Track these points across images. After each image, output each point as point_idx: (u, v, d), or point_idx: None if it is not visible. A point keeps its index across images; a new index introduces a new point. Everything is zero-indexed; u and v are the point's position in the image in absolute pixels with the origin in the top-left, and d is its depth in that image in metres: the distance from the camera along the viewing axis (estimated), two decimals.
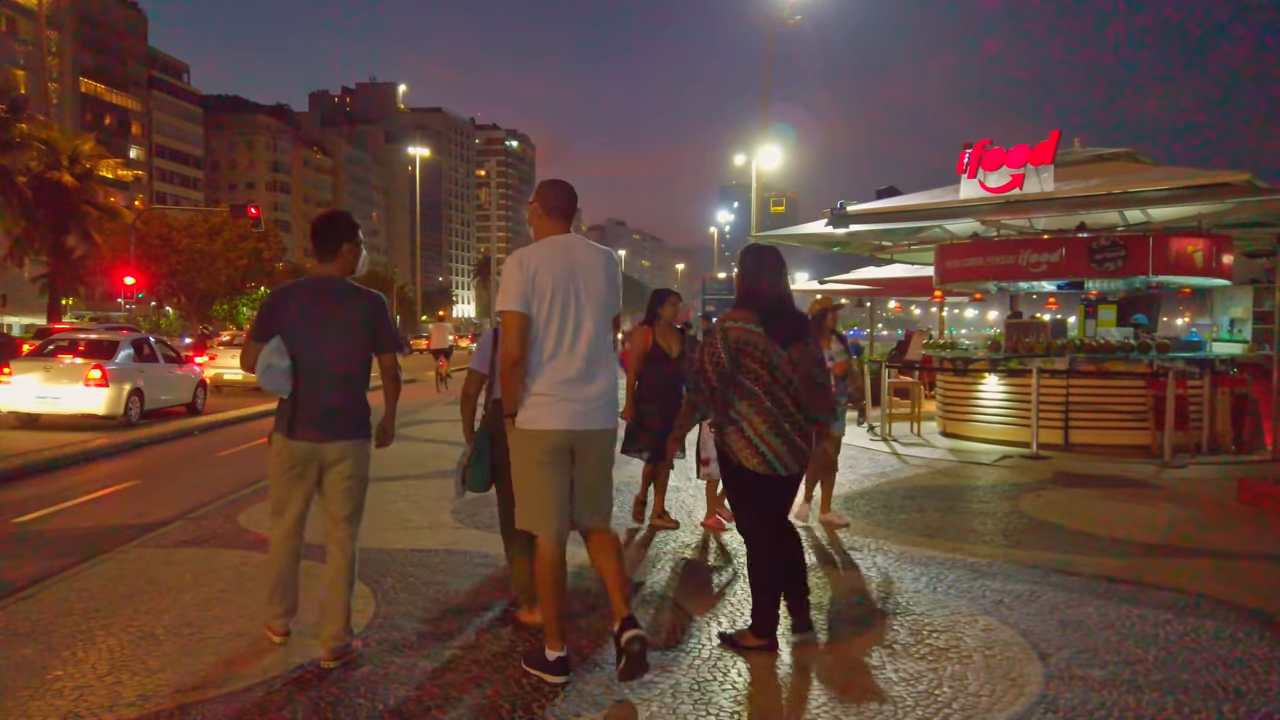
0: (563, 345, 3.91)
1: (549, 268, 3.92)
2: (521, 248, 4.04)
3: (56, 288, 41.03)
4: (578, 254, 4.02)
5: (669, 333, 7.05)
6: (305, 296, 4.27)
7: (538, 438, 3.90)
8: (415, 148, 55.92)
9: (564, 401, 3.90)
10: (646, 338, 6.94)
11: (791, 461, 4.33)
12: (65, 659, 4.23)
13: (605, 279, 4.05)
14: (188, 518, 7.37)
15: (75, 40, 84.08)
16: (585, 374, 3.94)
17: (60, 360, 14.20)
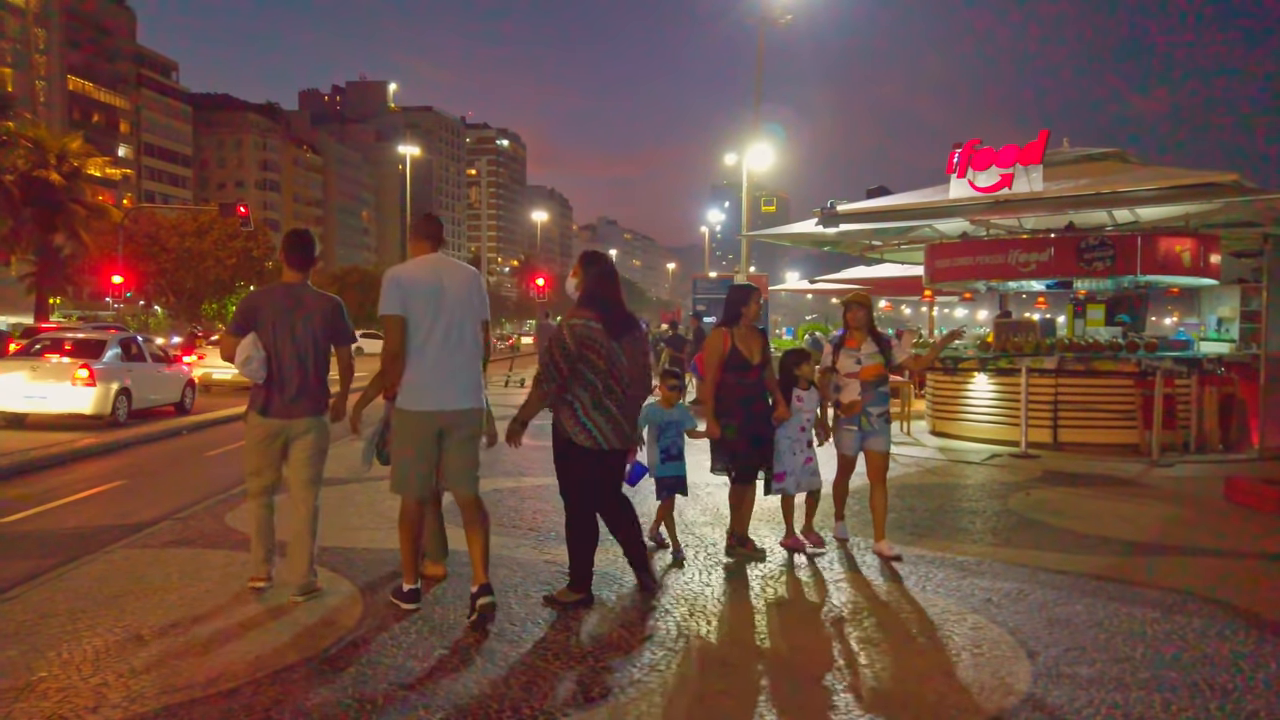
0: (431, 341, 4.76)
1: (418, 280, 4.82)
2: (396, 265, 5.05)
3: (44, 286, 40.77)
4: (443, 269, 4.92)
5: (751, 336, 6.12)
6: (277, 299, 5.17)
7: (412, 417, 4.78)
8: (406, 146, 55.71)
9: (433, 385, 4.77)
10: (724, 342, 6.03)
11: (614, 438, 5.03)
12: (50, 660, 4.20)
13: (468, 288, 4.90)
14: (175, 518, 7.34)
15: (63, 38, 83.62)
16: (451, 364, 4.80)
17: (47, 359, 14.11)
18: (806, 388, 6.31)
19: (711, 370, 6.03)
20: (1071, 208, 11.67)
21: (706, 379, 6.08)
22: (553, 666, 4.19)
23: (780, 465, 6.18)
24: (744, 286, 6.38)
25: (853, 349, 6.41)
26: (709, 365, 6.06)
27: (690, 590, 5.42)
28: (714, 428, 5.98)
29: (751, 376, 6.05)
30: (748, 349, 6.04)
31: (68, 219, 39.35)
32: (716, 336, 6.12)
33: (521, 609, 5.01)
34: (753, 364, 6.04)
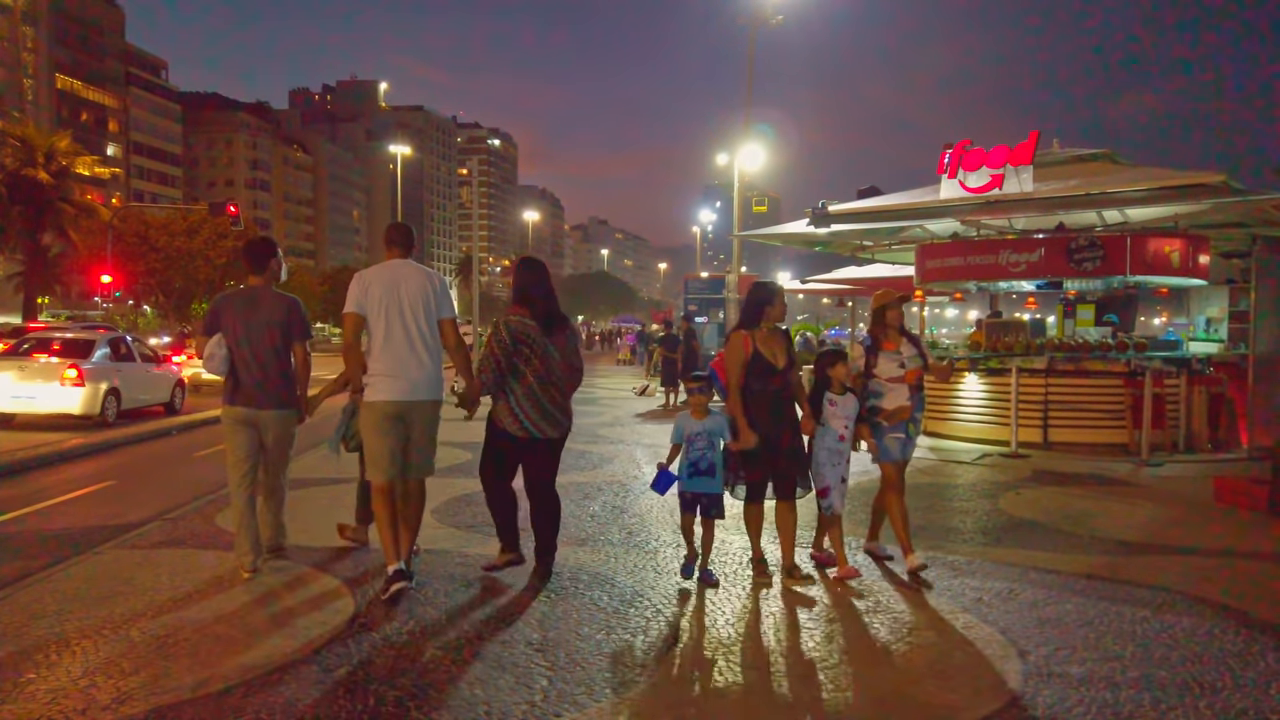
0: (392, 338, 5.23)
1: (379, 283, 5.30)
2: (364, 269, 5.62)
3: (32, 286, 40.56)
4: (402, 273, 5.35)
5: (774, 338, 5.59)
6: (238, 301, 5.75)
7: (376, 407, 5.25)
8: (397, 146, 55.51)
9: (394, 379, 5.23)
10: (745, 345, 5.52)
11: (547, 427, 5.48)
12: (39, 662, 4.18)
13: (425, 291, 5.33)
14: (164, 518, 7.31)
15: (51, 36, 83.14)
16: (409, 359, 5.26)
17: (35, 359, 14.03)
18: (843, 392, 5.73)
19: (734, 377, 5.52)
20: (1061, 208, 11.72)
21: (730, 387, 5.52)
22: (545, 667, 4.18)
23: (822, 479, 5.69)
24: (766, 284, 5.79)
25: (893, 351, 5.92)
26: (730, 372, 5.51)
27: (684, 591, 5.42)
28: (749, 436, 5.40)
29: (776, 383, 5.51)
30: (771, 352, 5.52)
31: (56, 218, 39.20)
32: (736, 340, 5.57)
33: (513, 608, 5.00)
34: (777, 369, 5.51)
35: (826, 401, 5.71)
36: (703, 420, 5.56)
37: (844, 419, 5.72)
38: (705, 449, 5.51)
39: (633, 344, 42.82)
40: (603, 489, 8.68)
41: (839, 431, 5.71)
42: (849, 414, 5.74)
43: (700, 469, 5.51)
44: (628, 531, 6.95)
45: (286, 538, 6.01)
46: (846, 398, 5.76)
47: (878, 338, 6.00)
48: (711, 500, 5.52)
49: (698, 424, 5.55)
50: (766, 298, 5.61)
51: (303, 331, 5.83)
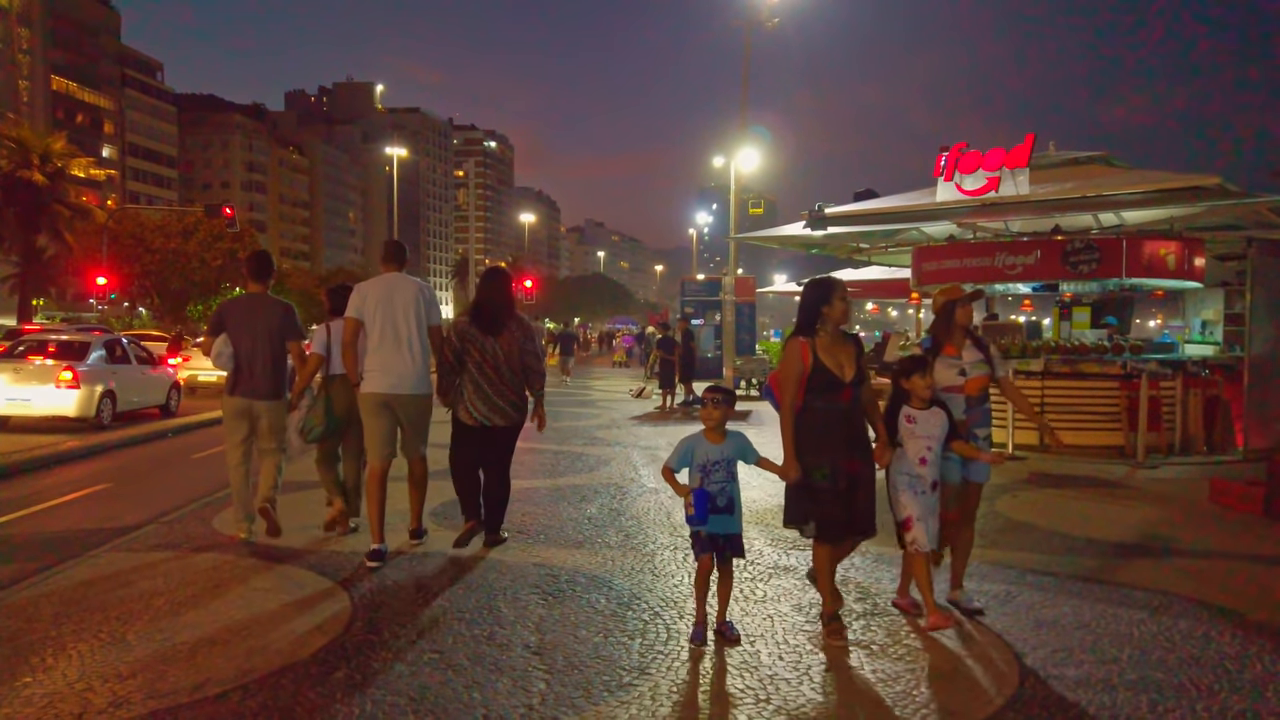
0: (384, 340, 6.04)
1: (375, 293, 6.13)
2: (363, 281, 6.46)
3: (27, 288, 40.48)
4: (395, 284, 6.19)
5: (840, 345, 4.69)
6: (242, 306, 6.57)
7: (368, 397, 6.09)
8: (393, 148, 55.54)
9: (383, 374, 6.04)
10: (803, 355, 4.62)
11: (493, 416, 6.16)
12: (35, 666, 4.17)
13: (414, 302, 6.13)
14: (161, 521, 7.29)
15: (47, 38, 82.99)
16: (397, 358, 6.04)
17: (31, 361, 13.99)
18: (924, 405, 4.86)
19: (789, 393, 4.64)
20: (1057, 211, 11.73)
21: (783, 404, 4.68)
22: (542, 670, 4.18)
23: (902, 509, 4.81)
24: (824, 280, 4.85)
25: (953, 357, 5.15)
26: (785, 386, 4.69)
27: (680, 593, 5.42)
28: (793, 467, 4.55)
29: (843, 399, 4.60)
30: (835, 362, 4.61)
31: (51, 220, 39.13)
32: (793, 350, 4.68)
33: (510, 612, 5.01)
34: (843, 382, 4.59)
35: (904, 418, 4.84)
36: (720, 444, 4.63)
37: (926, 438, 4.80)
38: (725, 481, 4.58)
39: (629, 346, 42.84)
40: (599, 491, 8.67)
41: (920, 454, 4.79)
42: (932, 432, 4.82)
43: (718, 505, 4.55)
44: (625, 534, 6.95)
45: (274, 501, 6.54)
46: (930, 413, 4.84)
47: (940, 339, 5.23)
48: (731, 541, 4.61)
49: (715, 450, 4.61)
50: (822, 296, 4.71)
51: (296, 333, 6.59)
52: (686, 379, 18.96)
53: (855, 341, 4.79)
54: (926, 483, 4.80)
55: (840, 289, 4.77)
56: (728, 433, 4.68)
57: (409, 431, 6.23)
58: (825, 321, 4.69)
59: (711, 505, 4.51)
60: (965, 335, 5.27)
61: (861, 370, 4.71)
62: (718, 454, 4.61)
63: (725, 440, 4.65)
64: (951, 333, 5.23)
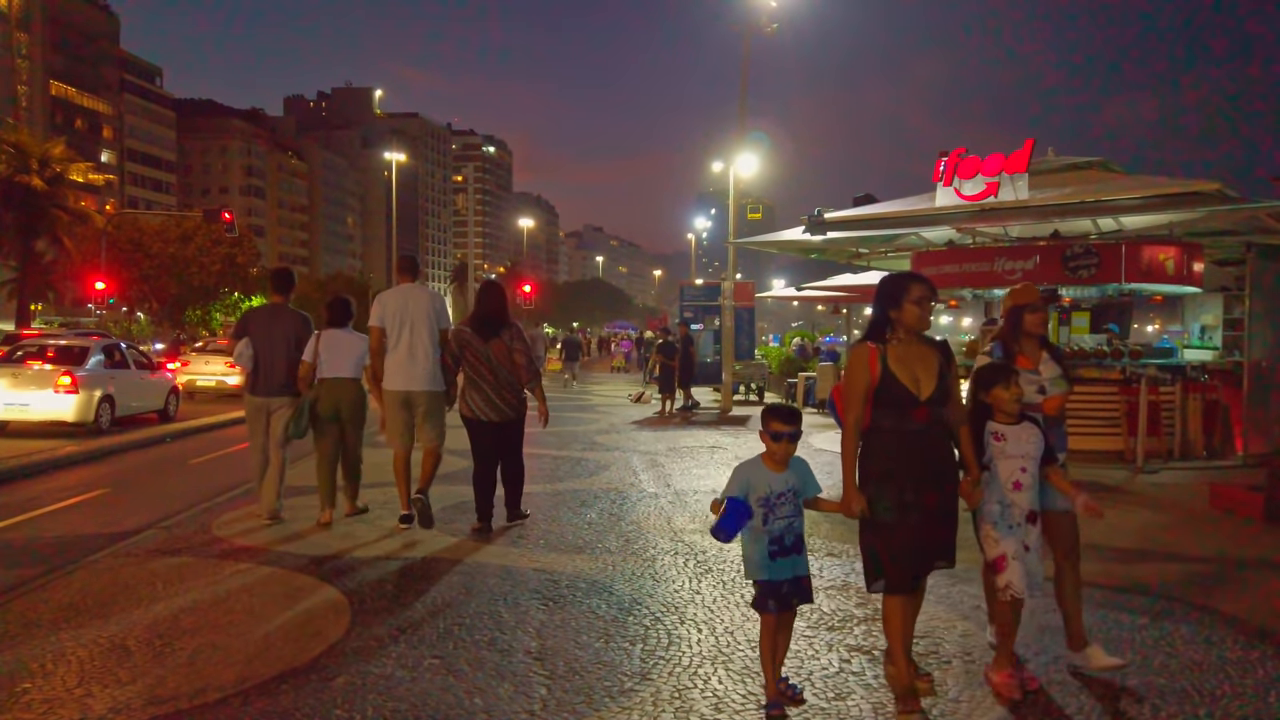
0: (401, 343, 7.02)
1: (393, 302, 7.10)
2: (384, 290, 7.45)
3: (25, 292, 40.42)
4: (410, 294, 7.16)
5: (917, 353, 3.89)
6: (263, 315, 7.47)
7: (390, 394, 7.09)
8: (391, 153, 55.56)
9: (400, 374, 7.01)
10: (870, 364, 3.85)
11: (489, 411, 7.00)
12: (34, 671, 4.15)
13: (427, 310, 7.07)
14: (159, 526, 7.27)
15: (45, 43, 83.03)
16: (411, 360, 7.01)
17: (29, 366, 13.97)
18: (1015, 421, 4.10)
19: (854, 409, 3.87)
20: (1057, 216, 11.74)
21: (846, 423, 3.92)
22: (544, 676, 4.17)
23: (994, 546, 4.02)
24: (897, 277, 4.05)
25: (1030, 370, 4.41)
26: (849, 401, 3.91)
27: (680, 598, 5.41)
28: (854, 499, 3.82)
29: (917, 418, 3.81)
30: (910, 374, 3.82)
31: (50, 225, 39.08)
32: (858, 357, 3.91)
33: (511, 617, 4.99)
34: (920, 398, 3.80)
35: (990, 436, 4.07)
36: (783, 473, 3.86)
37: (1019, 459, 4.03)
38: (793, 515, 3.86)
39: (627, 350, 42.80)
40: (599, 496, 8.66)
41: (1013, 477, 4.02)
42: (1027, 451, 4.05)
43: (786, 545, 3.83)
44: (625, 539, 6.94)
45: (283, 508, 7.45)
46: (1021, 429, 4.09)
47: (1012, 350, 4.50)
48: (800, 586, 3.89)
49: (779, 479, 3.84)
50: (898, 290, 3.92)
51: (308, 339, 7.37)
52: (686, 384, 18.97)
53: (940, 350, 3.92)
54: (1021, 512, 4.02)
55: (916, 290, 3.91)
56: (793, 459, 3.94)
57: (424, 421, 7.13)
58: (898, 324, 3.89)
59: (779, 547, 3.81)
60: (1041, 346, 4.53)
61: (946, 385, 3.86)
62: (782, 484, 3.84)
63: (790, 467, 3.90)
64: (1023, 342, 4.51)
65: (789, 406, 4.09)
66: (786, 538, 3.83)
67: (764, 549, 3.82)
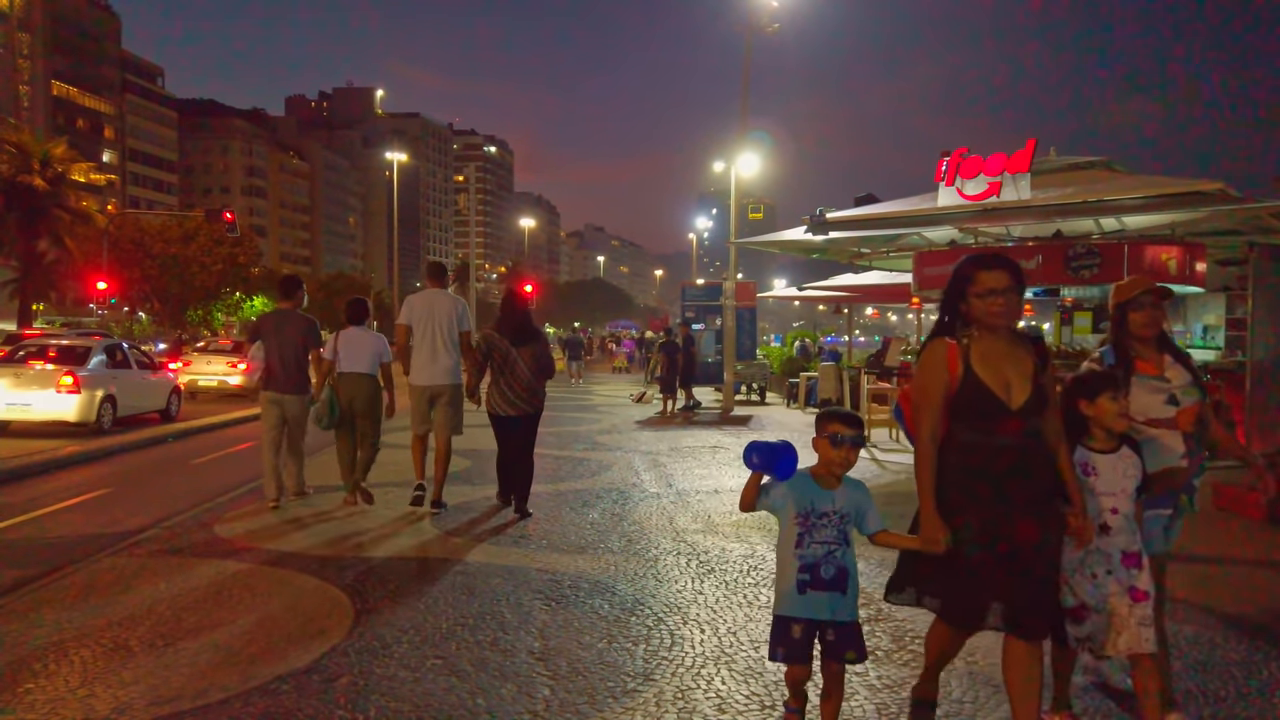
0: (425, 342, 7.76)
1: (420, 305, 7.88)
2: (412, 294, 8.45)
3: (27, 292, 40.41)
4: (436, 298, 7.91)
5: (1005, 351, 3.22)
6: (272, 319, 8.14)
7: (415, 387, 7.86)
8: (393, 153, 55.48)
9: (425, 369, 7.78)
10: (949, 363, 3.21)
11: (508, 408, 7.62)
12: (37, 671, 4.15)
13: (450, 312, 7.82)
14: (162, 526, 7.27)
15: (47, 43, 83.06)
16: (435, 358, 7.76)
17: (31, 366, 13.96)
18: (1111, 445, 3.44)
19: (928, 418, 3.24)
20: (1059, 216, 11.72)
21: (919, 435, 3.28)
22: (547, 676, 4.16)
23: (1074, 593, 3.41)
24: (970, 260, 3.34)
25: (1153, 376, 3.73)
26: (921, 407, 3.28)
27: (683, 599, 5.41)
28: (937, 529, 3.17)
29: (1005, 431, 3.15)
30: (998, 377, 3.17)
31: (51, 224, 39.06)
32: (933, 355, 3.28)
33: (514, 617, 4.99)
34: (1011, 407, 3.15)
35: (1077, 467, 3.40)
36: (834, 490, 3.27)
37: (1110, 497, 3.40)
38: (835, 544, 3.23)
39: (629, 351, 42.77)
40: (602, 496, 8.66)
41: (1102, 517, 3.39)
42: (1123, 488, 3.41)
43: (823, 577, 3.21)
44: (627, 539, 6.93)
45: (306, 486, 8.27)
46: (1119, 459, 3.43)
47: (1128, 353, 3.79)
48: (844, 634, 3.24)
49: (826, 497, 3.25)
50: (958, 280, 3.29)
51: (316, 342, 8.03)
52: (688, 384, 18.96)
53: (1035, 347, 3.26)
54: (1111, 557, 3.38)
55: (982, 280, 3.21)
56: (847, 479, 3.30)
57: (442, 410, 7.79)
58: (983, 315, 3.21)
59: (813, 576, 3.18)
60: (1159, 348, 3.79)
61: (1042, 392, 3.19)
62: (829, 503, 3.23)
63: (841, 486, 3.27)
64: (1137, 345, 3.79)
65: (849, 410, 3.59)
66: (824, 568, 3.19)
67: (792, 576, 3.21)
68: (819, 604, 3.20)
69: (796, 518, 3.25)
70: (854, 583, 3.28)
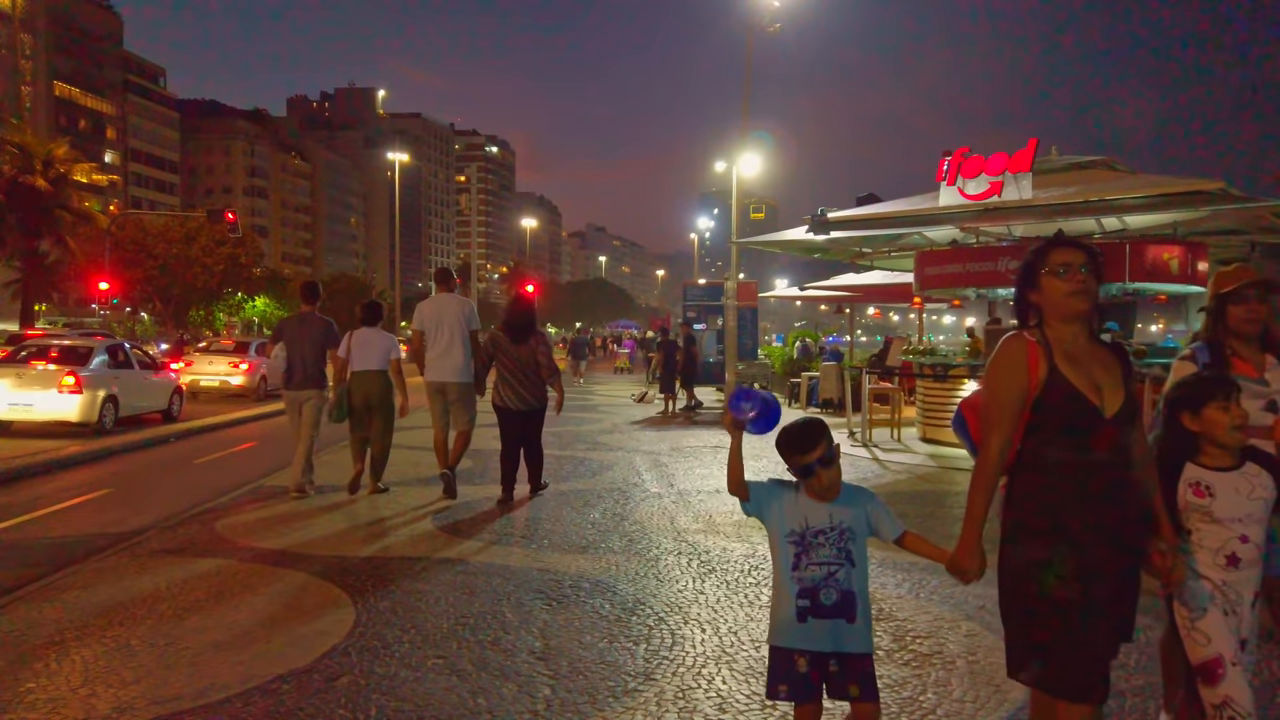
0: (437, 343, 8.35)
1: (431, 309, 8.52)
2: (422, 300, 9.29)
3: (29, 293, 40.47)
4: (445, 302, 8.53)
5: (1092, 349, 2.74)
6: (294, 322, 8.75)
7: (429, 384, 8.47)
8: (394, 153, 55.51)
9: (436, 368, 8.38)
10: (1031, 362, 2.68)
11: (516, 402, 8.19)
12: (38, 671, 4.15)
13: (458, 315, 8.40)
14: (163, 526, 7.28)
15: (50, 43, 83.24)
16: (445, 357, 8.35)
17: (33, 366, 13.99)
18: (1232, 463, 2.91)
19: (1000, 428, 2.70)
20: (1060, 215, 11.71)
21: (985, 448, 2.73)
22: (548, 676, 4.16)
23: (1207, 641, 2.89)
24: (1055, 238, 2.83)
25: (1252, 379, 3.33)
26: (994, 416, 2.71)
27: (684, 598, 5.41)
28: (973, 556, 2.83)
29: (1105, 444, 2.62)
30: (1089, 380, 2.65)
31: (54, 225, 39.12)
32: (1012, 352, 2.72)
33: (515, 617, 4.99)
34: (1105, 414, 2.62)
35: (1189, 488, 2.92)
36: (829, 504, 2.85)
37: (1237, 523, 2.88)
38: (836, 563, 2.81)
39: (630, 350, 42.78)
40: (603, 496, 8.66)
41: (1227, 549, 2.88)
42: (1250, 513, 2.88)
43: (824, 603, 2.79)
44: (628, 539, 6.93)
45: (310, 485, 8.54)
46: (1241, 477, 2.90)
47: (1224, 352, 3.43)
48: (851, 667, 2.83)
49: (822, 512, 2.84)
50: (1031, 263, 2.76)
51: (334, 343, 8.57)
52: (689, 384, 18.97)
53: (1117, 352, 2.78)
54: (1244, 596, 2.88)
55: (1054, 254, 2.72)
56: (846, 487, 2.89)
57: (456, 406, 8.46)
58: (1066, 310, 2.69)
59: (812, 602, 2.78)
60: (1262, 346, 3.37)
61: (1133, 400, 2.68)
62: (824, 518, 2.82)
63: (840, 497, 2.86)
64: (1234, 342, 3.39)
65: (802, 422, 2.87)
66: (824, 594, 2.77)
67: (790, 603, 2.81)
68: (822, 633, 2.79)
69: (789, 537, 2.85)
70: (864, 609, 2.83)
